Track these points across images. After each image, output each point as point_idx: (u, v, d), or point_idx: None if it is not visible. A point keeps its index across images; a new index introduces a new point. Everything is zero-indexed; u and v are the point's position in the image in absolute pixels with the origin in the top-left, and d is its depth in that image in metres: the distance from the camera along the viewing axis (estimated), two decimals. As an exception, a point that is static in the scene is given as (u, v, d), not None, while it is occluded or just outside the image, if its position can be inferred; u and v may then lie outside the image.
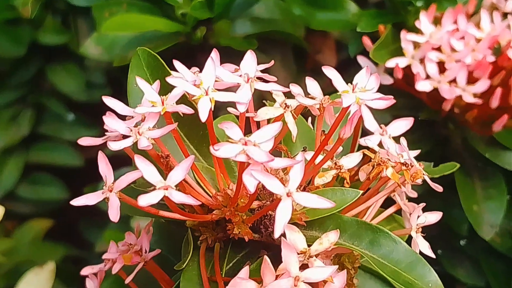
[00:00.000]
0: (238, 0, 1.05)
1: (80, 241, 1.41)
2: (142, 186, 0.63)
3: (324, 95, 0.64)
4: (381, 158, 0.65)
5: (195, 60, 1.12)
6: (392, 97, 0.61)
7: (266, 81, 0.62)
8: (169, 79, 0.59)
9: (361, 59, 0.97)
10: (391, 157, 0.65)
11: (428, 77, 0.91)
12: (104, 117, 0.61)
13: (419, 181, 0.66)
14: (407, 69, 0.92)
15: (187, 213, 0.62)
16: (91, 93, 1.36)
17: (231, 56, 1.05)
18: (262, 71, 0.64)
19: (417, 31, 0.93)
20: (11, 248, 1.29)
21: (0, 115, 1.37)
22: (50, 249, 1.37)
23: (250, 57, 0.63)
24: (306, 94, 0.65)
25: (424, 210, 0.68)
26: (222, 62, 0.64)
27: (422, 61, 0.92)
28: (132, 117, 0.62)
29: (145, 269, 0.69)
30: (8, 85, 1.36)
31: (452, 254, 1.04)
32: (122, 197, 0.58)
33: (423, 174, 0.66)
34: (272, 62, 0.66)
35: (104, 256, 0.71)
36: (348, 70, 1.23)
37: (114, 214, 0.57)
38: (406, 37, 0.92)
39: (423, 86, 0.90)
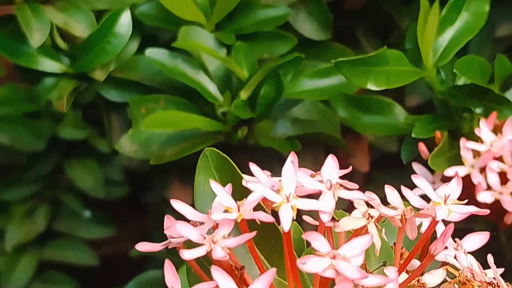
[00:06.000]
0: (280, 101, 1.01)
1: None
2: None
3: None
4: (466, 276, 0.60)
5: (233, 160, 1.09)
6: (488, 211, 0.57)
7: (349, 189, 0.58)
8: (248, 184, 0.55)
9: (416, 166, 0.93)
10: (475, 275, 0.60)
11: (489, 187, 0.87)
12: (176, 224, 0.56)
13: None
14: (464, 178, 0.88)
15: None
16: (109, 190, 1.33)
17: (271, 157, 1.02)
18: (341, 177, 0.59)
19: (473, 138, 0.90)
20: None
21: (15, 210, 1.33)
22: None
23: (331, 163, 0.58)
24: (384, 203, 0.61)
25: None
26: (263, 164, 0.60)
27: (482, 170, 0.88)
28: (202, 223, 0.57)
29: None
30: (25, 179, 1.33)
31: None
32: (190, 311, 0.53)
33: (512, 296, 0.61)
34: (351, 167, 0.61)
35: None
36: (378, 176, 1.22)
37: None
38: (466, 145, 0.88)
39: (484, 197, 0.85)
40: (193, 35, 1.02)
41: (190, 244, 0.56)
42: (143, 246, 0.60)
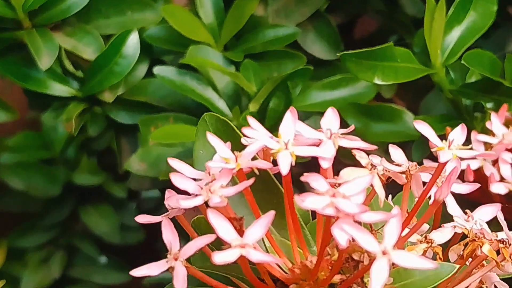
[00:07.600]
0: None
1: None
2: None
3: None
4: (476, 234, 0.58)
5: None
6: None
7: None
8: (246, 130, 0.54)
9: (427, 163, 0.91)
10: (485, 234, 0.58)
11: (502, 179, 0.84)
12: (171, 175, 0.55)
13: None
14: (476, 172, 0.86)
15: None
16: (125, 236, 1.31)
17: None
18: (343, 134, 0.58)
19: (486, 133, 0.88)
20: None
21: (30, 257, 1.33)
22: None
23: (331, 114, 0.57)
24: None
25: None
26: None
27: (494, 163, 0.86)
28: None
29: None
30: (40, 226, 1.33)
31: None
32: (188, 267, 0.52)
33: (526, 252, 0.58)
34: (353, 126, 0.60)
35: None
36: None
37: (180, 284, 0.51)
38: (477, 138, 0.86)
39: (497, 188, 0.83)
40: (201, 53, 1.02)
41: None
42: (143, 218, 0.59)
